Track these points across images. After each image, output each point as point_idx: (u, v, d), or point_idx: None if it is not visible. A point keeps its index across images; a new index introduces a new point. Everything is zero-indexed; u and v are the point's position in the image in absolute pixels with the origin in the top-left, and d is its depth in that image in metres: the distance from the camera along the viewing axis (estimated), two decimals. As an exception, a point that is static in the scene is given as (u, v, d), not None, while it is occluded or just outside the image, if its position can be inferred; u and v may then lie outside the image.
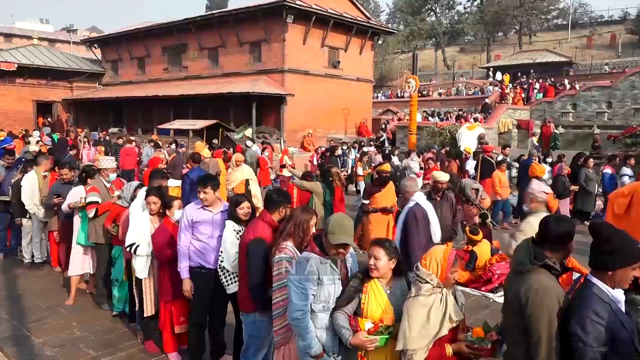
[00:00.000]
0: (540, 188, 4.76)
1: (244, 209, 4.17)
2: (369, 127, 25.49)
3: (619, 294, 2.35)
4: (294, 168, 13.34)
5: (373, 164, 13.07)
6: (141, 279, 4.79)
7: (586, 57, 45.69)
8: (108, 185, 6.26)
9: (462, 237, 7.84)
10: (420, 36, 55.40)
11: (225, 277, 4.15)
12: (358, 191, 13.62)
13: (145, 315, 4.83)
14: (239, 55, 23.68)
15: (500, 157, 12.19)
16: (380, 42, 28.00)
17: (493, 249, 7.45)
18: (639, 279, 2.51)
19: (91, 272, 6.29)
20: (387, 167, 7.13)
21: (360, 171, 13.71)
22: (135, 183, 5.73)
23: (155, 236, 4.63)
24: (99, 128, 27.11)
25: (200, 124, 20.74)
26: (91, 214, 5.81)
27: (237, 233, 4.08)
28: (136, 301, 4.97)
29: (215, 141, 16.65)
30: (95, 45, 31.57)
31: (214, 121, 20.72)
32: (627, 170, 10.77)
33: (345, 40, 24.44)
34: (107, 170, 6.33)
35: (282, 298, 3.35)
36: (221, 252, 4.13)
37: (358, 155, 16.15)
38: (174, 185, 11.18)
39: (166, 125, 22.16)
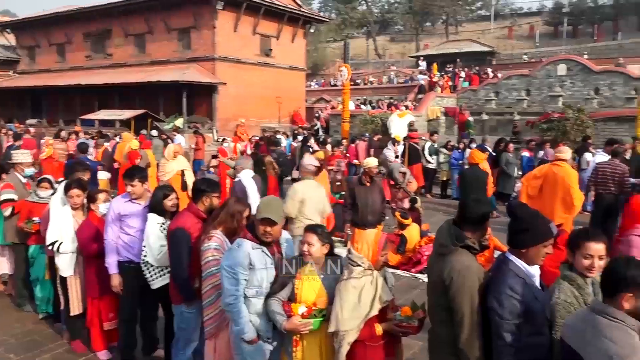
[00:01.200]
0: (309, 161, 5.76)
1: (172, 200, 4.08)
2: (302, 116, 25.54)
3: (533, 269, 2.51)
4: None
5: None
6: (66, 277, 4.57)
7: (507, 47, 48.11)
8: (24, 180, 5.88)
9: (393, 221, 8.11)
10: (351, 25, 56.02)
11: (150, 272, 4.05)
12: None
13: (71, 314, 4.62)
14: (168, 43, 22.90)
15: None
16: (312, 30, 28.06)
17: (422, 231, 7.74)
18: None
19: (9, 273, 5.91)
20: (321, 154, 7.19)
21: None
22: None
23: (80, 231, 4.43)
24: (14, 120, 25.30)
25: (127, 114, 19.94)
26: (7, 212, 5.44)
27: (162, 226, 3.99)
28: (61, 300, 4.74)
29: (154, 132, 16.04)
30: (8, 30, 29.38)
31: (142, 111, 19.97)
32: (542, 154, 11.50)
33: (277, 28, 24.24)
34: (22, 164, 5.93)
35: (212, 286, 3.32)
36: (144, 246, 4.02)
37: (294, 144, 16.20)
38: (104, 177, 10.75)
39: (90, 116, 21.11)
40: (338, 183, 9.24)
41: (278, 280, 3.12)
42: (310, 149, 13.59)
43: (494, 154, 11.87)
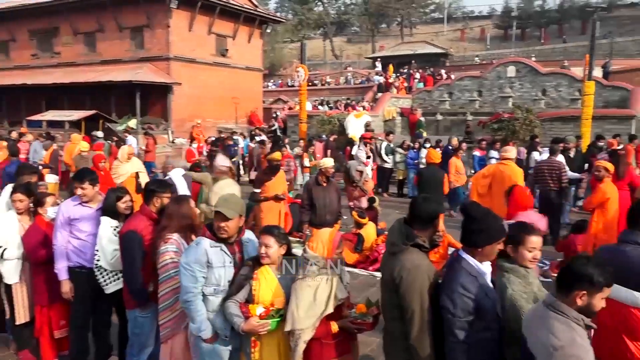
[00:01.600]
0: (222, 162, 6.10)
1: (126, 203, 3.99)
2: (260, 117, 25.41)
3: (485, 267, 2.59)
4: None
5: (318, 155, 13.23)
6: (11, 285, 4.39)
7: (460, 49, 49.50)
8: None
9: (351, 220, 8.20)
10: (308, 26, 56.23)
11: (103, 276, 3.95)
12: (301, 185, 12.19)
13: (17, 323, 4.43)
14: (119, 42, 22.26)
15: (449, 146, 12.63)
16: (269, 30, 27.99)
17: (379, 230, 7.87)
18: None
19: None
20: (277, 155, 7.17)
21: (306, 162, 13.64)
22: None
23: (27, 236, 4.25)
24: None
25: (77, 115, 19.25)
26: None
27: (115, 229, 3.90)
28: (6, 309, 4.54)
29: (99, 134, 15.52)
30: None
31: (92, 112, 19.34)
32: (494, 153, 11.88)
33: (233, 28, 24.01)
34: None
35: (170, 289, 3.29)
36: (97, 250, 3.92)
37: (252, 145, 16.08)
38: (52, 181, 10.34)
39: (37, 117, 20.26)
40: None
41: (235, 281, 3.11)
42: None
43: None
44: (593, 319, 2.19)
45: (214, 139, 16.55)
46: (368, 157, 12.07)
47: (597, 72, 21.03)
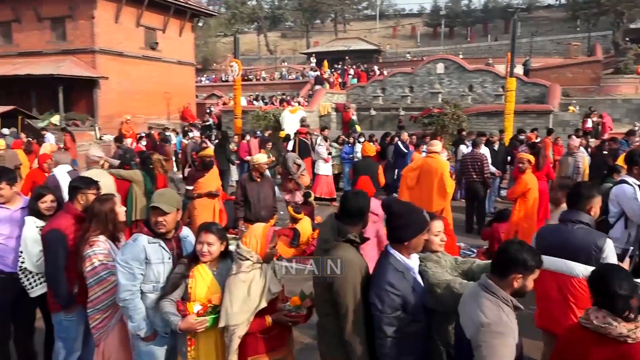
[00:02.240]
0: (93, 152, 6.26)
1: (46, 203, 3.79)
2: (193, 112, 24.83)
3: (412, 262, 2.68)
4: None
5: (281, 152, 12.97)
6: None
7: (392, 45, 50.64)
8: None
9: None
10: (242, 20, 55.40)
11: (28, 279, 3.74)
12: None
13: None
14: (39, 33, 20.96)
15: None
16: (201, 24, 27.35)
17: (315, 224, 7.95)
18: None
19: None
20: (210, 151, 7.06)
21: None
22: None
23: None
24: None
25: (-8, 110, 17.95)
26: None
27: (40, 229, 3.70)
28: None
29: (5, 131, 14.44)
30: None
31: (10, 107, 18.10)
32: (424, 147, 12.30)
33: (163, 20, 23.26)
34: None
35: (103, 292, 3.20)
36: (21, 252, 3.71)
37: (185, 142, 15.69)
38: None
39: (-53, 113, 18.67)
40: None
41: (169, 280, 3.06)
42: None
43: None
44: (545, 293, 2.32)
45: (144, 134, 16.00)
46: (329, 154, 12.11)
47: (519, 70, 22.28)
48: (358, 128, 17.63)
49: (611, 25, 26.20)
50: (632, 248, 4.70)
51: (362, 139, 13.59)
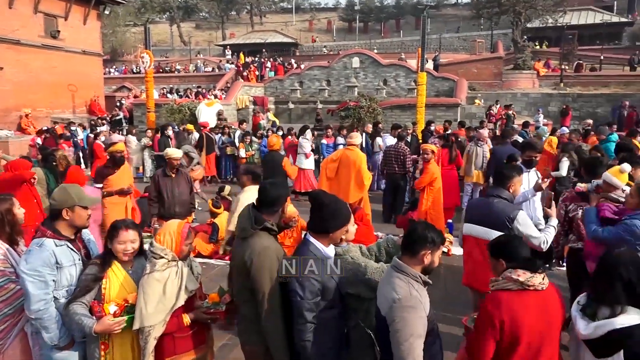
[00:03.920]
0: None
1: None
2: (102, 105, 23.48)
3: (330, 251, 2.77)
4: None
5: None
6: None
7: (309, 39, 50.93)
8: None
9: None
10: (153, 9, 53.07)
11: None
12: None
13: None
14: None
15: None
16: (107, 12, 25.80)
17: (234, 219, 7.82)
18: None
19: None
20: (120, 146, 6.66)
21: (242, 153, 12.83)
22: None
23: None
24: None
25: None
26: None
27: None
28: None
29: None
30: None
31: None
32: (341, 140, 12.50)
33: (64, 7, 21.66)
34: None
35: None
36: None
37: (92, 136, 14.80)
38: None
39: None
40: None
41: (80, 283, 2.90)
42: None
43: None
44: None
45: (45, 129, 14.90)
46: (313, 150, 11.87)
47: (430, 65, 23.31)
48: (277, 121, 17.62)
49: (511, 24, 28.07)
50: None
51: (280, 133, 13.60)
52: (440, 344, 2.67)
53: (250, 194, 4.88)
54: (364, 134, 11.77)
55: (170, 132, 12.17)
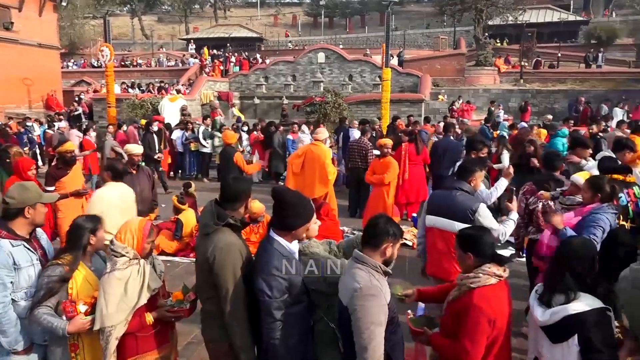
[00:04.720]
0: None
1: None
2: (60, 100, 22.73)
3: (295, 247, 2.76)
4: None
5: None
6: None
7: (274, 34, 50.56)
8: None
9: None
10: (112, 1, 51.51)
11: None
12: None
13: None
14: None
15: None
16: (64, 3, 24.96)
17: (198, 216, 7.72)
18: None
19: None
20: (70, 145, 6.36)
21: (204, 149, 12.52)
22: None
23: None
24: None
25: None
26: None
27: None
28: None
29: None
30: None
31: None
32: (306, 133, 12.51)
33: (18, -3, 20.85)
34: None
35: None
36: None
37: (49, 132, 14.29)
38: None
39: None
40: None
41: (43, 287, 2.82)
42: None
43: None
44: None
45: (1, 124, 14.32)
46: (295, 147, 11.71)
47: (394, 61, 23.50)
48: (242, 117, 17.46)
49: (473, 21, 28.58)
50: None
51: (245, 128, 13.49)
52: (402, 333, 2.71)
53: (106, 190, 4.87)
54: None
55: (155, 127, 11.60)
